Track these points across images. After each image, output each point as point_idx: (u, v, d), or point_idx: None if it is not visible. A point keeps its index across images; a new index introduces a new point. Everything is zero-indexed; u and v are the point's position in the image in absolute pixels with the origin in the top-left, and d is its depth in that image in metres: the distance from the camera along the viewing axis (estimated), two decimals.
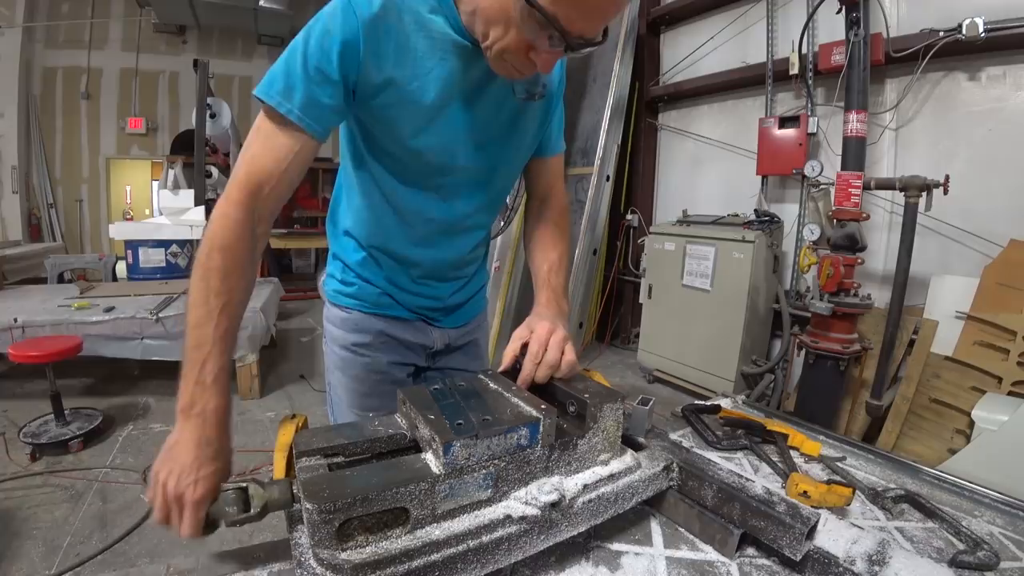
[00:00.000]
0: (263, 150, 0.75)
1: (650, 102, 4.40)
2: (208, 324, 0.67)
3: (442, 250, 1.00)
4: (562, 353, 0.76)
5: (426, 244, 0.98)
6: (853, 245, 2.51)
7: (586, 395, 0.69)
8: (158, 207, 4.59)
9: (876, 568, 0.62)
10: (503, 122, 0.91)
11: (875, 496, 0.85)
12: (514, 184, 1.07)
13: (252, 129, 0.77)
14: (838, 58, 2.83)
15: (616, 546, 0.70)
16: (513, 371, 0.78)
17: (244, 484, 0.61)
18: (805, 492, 0.77)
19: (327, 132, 0.79)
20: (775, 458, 0.96)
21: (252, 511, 0.61)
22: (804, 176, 3.11)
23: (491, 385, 0.74)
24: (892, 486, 0.88)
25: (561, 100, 1.03)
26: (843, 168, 2.69)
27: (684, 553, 0.69)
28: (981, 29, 2.36)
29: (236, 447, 0.73)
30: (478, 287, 1.16)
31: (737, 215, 3.52)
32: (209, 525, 0.62)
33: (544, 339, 0.76)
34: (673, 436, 1.01)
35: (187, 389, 0.65)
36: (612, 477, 0.69)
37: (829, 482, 0.80)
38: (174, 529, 0.61)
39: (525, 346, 0.77)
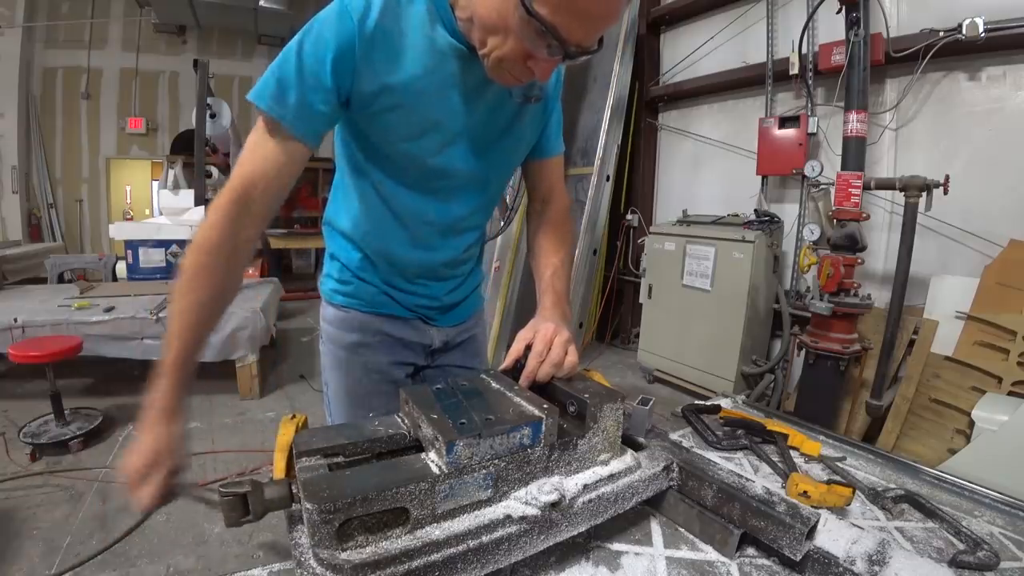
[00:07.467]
0: (255, 155, 0.76)
1: (650, 102, 4.40)
2: (173, 319, 0.74)
3: (438, 251, 1.00)
4: (566, 353, 0.77)
5: (423, 246, 0.98)
6: (853, 245, 2.51)
7: (586, 395, 0.69)
8: (158, 207, 4.60)
9: (876, 568, 0.62)
10: (500, 125, 0.91)
11: (875, 496, 0.85)
12: (508, 185, 1.08)
13: (251, 131, 0.78)
14: (838, 58, 2.83)
15: (616, 546, 0.70)
16: (515, 371, 0.78)
17: (243, 491, 0.61)
18: (805, 492, 0.77)
19: (319, 137, 0.79)
20: (775, 458, 0.96)
21: (251, 516, 0.61)
22: (804, 176, 3.10)
23: (493, 384, 0.74)
24: (892, 486, 0.88)
25: (558, 101, 1.03)
26: (843, 168, 2.69)
27: (684, 553, 0.69)
28: (981, 29, 2.36)
29: (236, 447, 0.75)
30: (474, 286, 1.17)
31: (737, 215, 3.52)
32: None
33: (549, 338, 0.77)
34: (673, 436, 1.01)
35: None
36: (612, 477, 0.69)
37: (829, 482, 0.80)
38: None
39: (528, 347, 0.78)
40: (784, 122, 3.27)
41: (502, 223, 3.83)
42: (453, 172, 0.90)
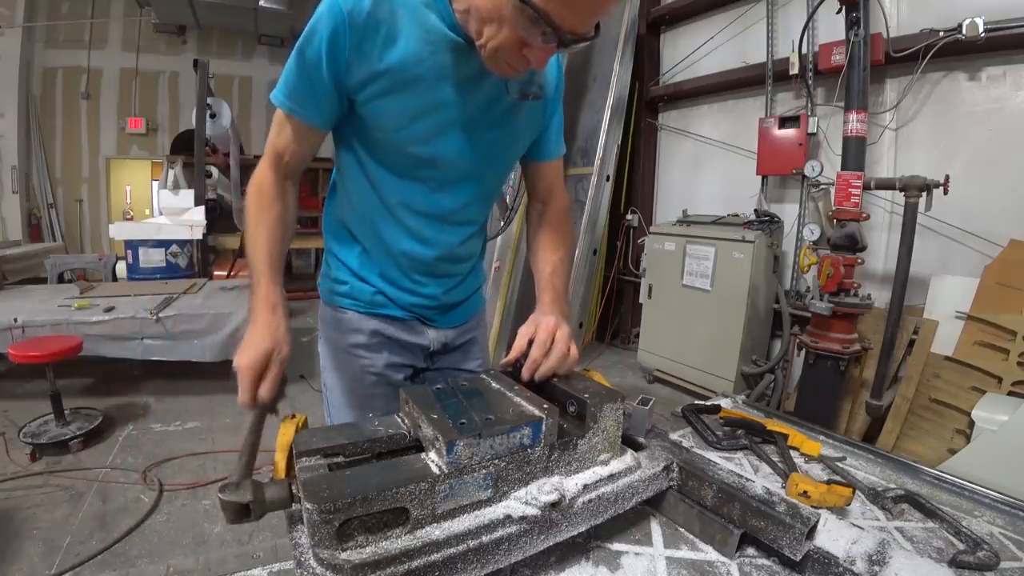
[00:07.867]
0: (279, 137, 0.90)
1: (650, 102, 4.40)
2: (257, 237, 0.87)
3: (431, 244, 0.99)
4: (567, 348, 0.77)
5: (415, 237, 0.98)
6: (853, 245, 2.51)
7: (586, 395, 0.69)
8: (158, 207, 4.59)
9: (876, 568, 0.62)
10: (495, 119, 0.91)
11: (875, 496, 0.85)
12: (506, 182, 1.08)
13: (275, 116, 0.91)
14: (838, 58, 2.83)
15: (616, 546, 0.70)
16: (516, 369, 0.78)
17: (245, 500, 0.60)
18: (805, 492, 0.77)
19: (330, 121, 0.89)
20: (775, 458, 0.96)
21: (251, 516, 0.61)
22: (804, 176, 3.10)
23: (493, 384, 0.74)
24: (892, 486, 0.88)
25: (560, 103, 1.03)
26: (843, 168, 2.69)
27: (684, 553, 0.69)
28: (981, 29, 2.36)
29: (236, 447, 0.76)
30: (474, 286, 1.16)
31: (737, 215, 3.52)
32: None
33: (552, 330, 0.78)
34: (673, 436, 1.01)
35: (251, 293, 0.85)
36: (612, 477, 0.69)
37: (829, 482, 0.80)
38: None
39: (531, 343, 0.78)
40: (784, 122, 3.27)
41: (502, 223, 3.83)
42: (443, 162, 0.91)
